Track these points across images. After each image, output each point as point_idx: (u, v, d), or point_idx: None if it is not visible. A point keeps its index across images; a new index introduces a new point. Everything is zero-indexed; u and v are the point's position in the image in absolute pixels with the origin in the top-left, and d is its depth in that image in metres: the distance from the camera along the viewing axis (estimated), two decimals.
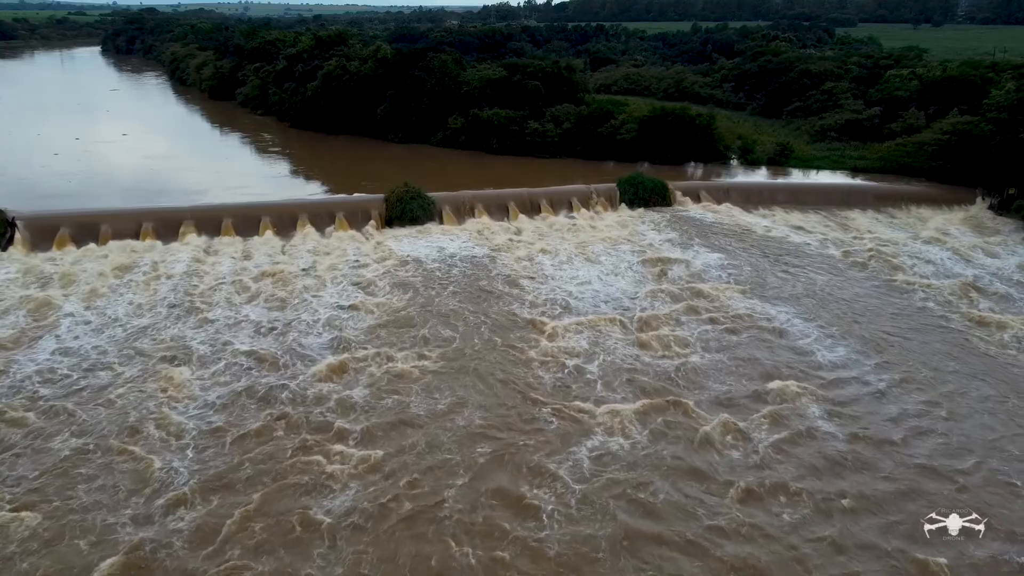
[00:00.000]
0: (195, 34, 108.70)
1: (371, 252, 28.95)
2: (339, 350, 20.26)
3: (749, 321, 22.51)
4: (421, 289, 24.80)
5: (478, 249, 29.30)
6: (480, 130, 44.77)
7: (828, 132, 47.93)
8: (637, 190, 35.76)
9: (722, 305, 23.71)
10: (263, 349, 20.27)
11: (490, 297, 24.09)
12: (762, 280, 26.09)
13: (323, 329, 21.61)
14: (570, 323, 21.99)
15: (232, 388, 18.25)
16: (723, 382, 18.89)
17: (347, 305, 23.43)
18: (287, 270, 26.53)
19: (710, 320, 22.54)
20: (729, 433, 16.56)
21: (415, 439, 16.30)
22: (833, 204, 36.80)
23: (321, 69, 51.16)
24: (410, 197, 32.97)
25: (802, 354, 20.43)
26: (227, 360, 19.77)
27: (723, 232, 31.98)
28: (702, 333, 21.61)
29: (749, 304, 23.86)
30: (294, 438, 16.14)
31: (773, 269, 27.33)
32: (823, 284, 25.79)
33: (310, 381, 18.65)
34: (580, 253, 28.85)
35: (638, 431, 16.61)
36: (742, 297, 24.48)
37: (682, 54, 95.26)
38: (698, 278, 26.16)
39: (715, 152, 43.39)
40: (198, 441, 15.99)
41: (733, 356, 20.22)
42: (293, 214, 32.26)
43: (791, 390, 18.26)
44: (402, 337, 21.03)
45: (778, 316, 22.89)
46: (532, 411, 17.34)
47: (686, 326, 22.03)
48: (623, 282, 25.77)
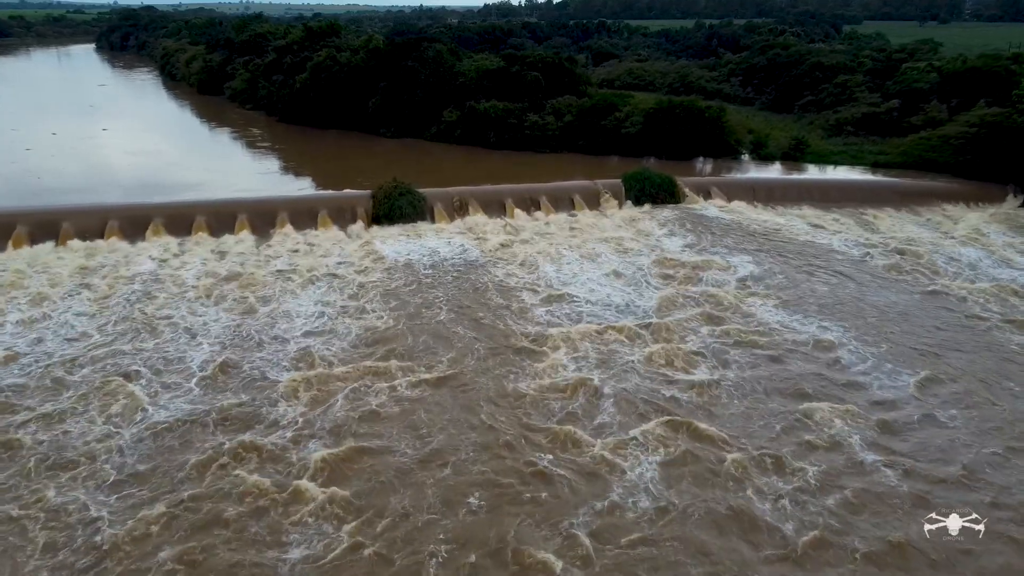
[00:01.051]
0: (189, 30, 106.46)
1: (355, 253, 26.49)
2: (310, 368, 17.74)
3: (776, 333, 19.98)
4: (408, 297, 22.30)
5: (472, 250, 26.84)
6: (476, 123, 42.29)
7: (844, 126, 45.42)
8: (644, 186, 33.28)
9: (745, 314, 21.18)
10: (222, 365, 17.78)
11: (484, 307, 21.55)
12: (786, 285, 23.57)
13: (294, 343, 19.10)
14: (575, 336, 19.45)
15: (179, 413, 15.77)
16: (755, 411, 16.36)
17: (324, 315, 20.93)
18: (260, 273, 24.07)
19: (731, 332, 20.00)
20: (772, 494, 14.01)
21: (389, 482, 13.80)
22: (854, 201, 34.28)
23: (311, 60, 48.67)
24: (399, 193, 30.52)
25: (847, 380, 17.72)
26: (177, 379, 17.30)
27: (738, 232, 29.48)
28: (723, 347, 19.07)
29: (774, 313, 21.34)
30: (244, 477, 13.64)
31: (797, 273, 24.83)
32: (855, 291, 23.22)
33: (271, 405, 16.17)
34: (584, 255, 26.37)
35: (659, 480, 13.99)
36: (766, 305, 21.96)
37: (686, 49, 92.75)
38: (715, 283, 23.66)
39: (725, 147, 40.89)
40: (128, 480, 13.50)
41: (762, 375, 17.69)
42: (272, 211, 29.79)
43: (834, 425, 15.72)
44: (384, 355, 18.35)
45: (808, 328, 20.32)
46: (530, 453, 14.49)
47: (705, 339, 19.49)
48: (632, 288, 23.27)
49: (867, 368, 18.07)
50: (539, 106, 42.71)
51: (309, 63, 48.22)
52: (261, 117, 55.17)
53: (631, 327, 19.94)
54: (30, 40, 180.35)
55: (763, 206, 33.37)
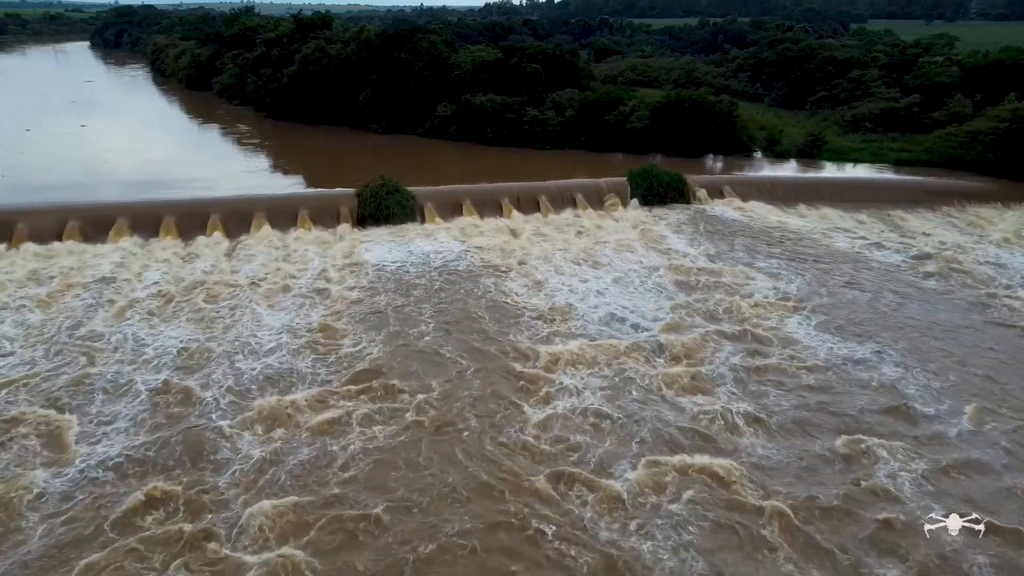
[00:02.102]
0: (182, 26, 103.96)
1: (336, 257, 24.06)
2: (274, 396, 15.28)
3: (809, 354, 17.50)
4: (390, 311, 19.75)
5: (464, 255, 24.40)
6: (472, 118, 39.82)
7: (862, 122, 42.93)
8: (651, 185, 30.82)
9: (772, 331, 18.69)
10: (173, 390, 15.35)
11: (476, 324, 19.02)
12: (817, 297, 21.08)
13: (253, 371, 16.62)
14: (578, 357, 17.00)
15: (117, 448, 13.34)
16: (793, 451, 13.91)
17: (293, 334, 18.44)
18: (229, 281, 21.65)
19: (759, 353, 17.54)
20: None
21: (360, 539, 11.37)
22: (878, 202, 31.82)
23: (299, 53, 46.21)
24: (386, 192, 28.08)
25: (897, 412, 15.14)
26: (122, 407, 14.87)
27: (755, 234, 27.03)
28: (750, 372, 16.58)
29: (806, 330, 18.86)
30: (181, 527, 11.22)
31: (828, 283, 22.36)
32: (894, 304, 20.65)
33: (225, 439, 13.73)
34: (587, 260, 23.92)
35: (682, 549, 11.55)
36: (795, 320, 19.47)
37: (691, 45, 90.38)
38: (736, 293, 21.20)
39: (737, 143, 38.41)
40: (47, 524, 11.09)
41: (799, 407, 15.22)
42: (248, 211, 27.36)
43: (889, 467, 13.27)
44: (359, 387, 15.77)
45: (847, 348, 17.82)
46: (526, 507, 12.09)
47: (729, 360, 17.01)
48: (642, 298, 20.80)
49: (919, 397, 15.61)
50: (539, 100, 40.25)
51: (297, 56, 45.72)
52: (248, 113, 52.67)
53: (643, 346, 17.49)
54: (25, 38, 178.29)
55: (781, 207, 30.93)
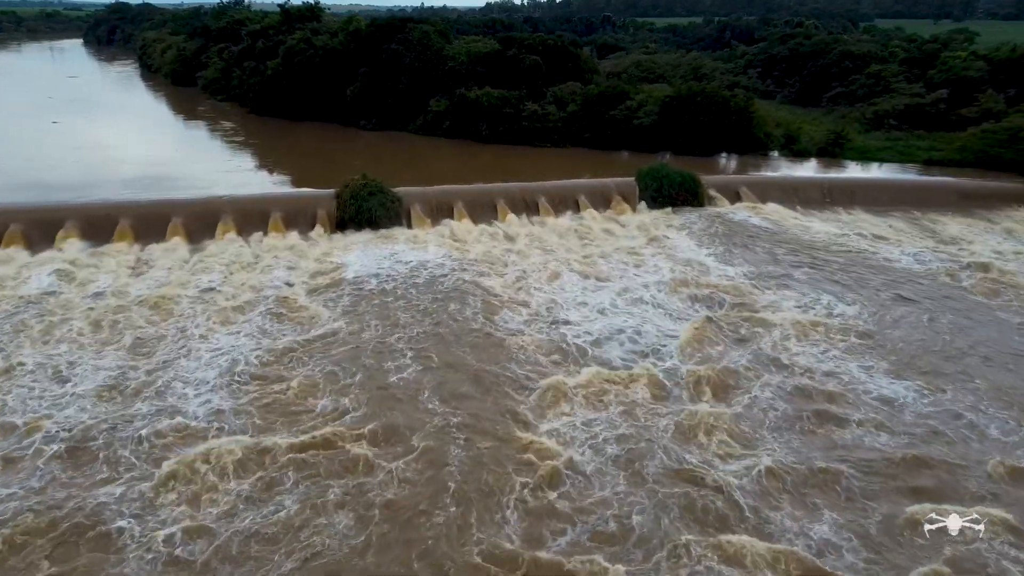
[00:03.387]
0: (174, 21, 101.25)
1: (309, 267, 21.26)
2: (210, 440, 12.50)
3: (860, 388, 14.67)
4: (363, 334, 16.92)
5: (454, 264, 21.58)
6: (467, 114, 36.99)
7: (885, 119, 40.07)
8: (661, 185, 28.00)
9: (812, 359, 15.88)
10: (79, 440, 12.54)
11: (462, 351, 16.07)
12: (858, 316, 18.22)
13: (197, 400, 13.84)
14: (583, 386, 14.22)
15: (11, 506, 10.58)
16: (858, 523, 11.10)
17: (243, 364, 15.55)
18: (181, 295, 18.85)
19: (799, 389, 14.70)
20: None
21: None
22: (909, 204, 28.98)
23: (284, 44, 43.43)
24: (368, 193, 25.30)
25: (974, 469, 12.48)
26: (30, 452, 12.10)
27: (779, 241, 24.21)
28: (794, 413, 13.71)
29: (851, 360, 16.03)
30: None
31: (869, 297, 19.52)
32: (952, 327, 17.48)
33: (141, 504, 10.95)
34: (591, 270, 21.10)
35: None
36: (839, 342, 16.64)
37: (697, 42, 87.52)
38: (763, 309, 18.40)
39: (753, 141, 35.56)
40: None
41: (857, 461, 12.40)
42: (213, 214, 24.59)
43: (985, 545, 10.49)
44: (326, 428, 12.98)
45: (907, 385, 14.98)
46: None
47: (764, 397, 14.17)
48: (656, 315, 17.99)
49: (994, 445, 12.81)
50: (539, 94, 37.45)
51: (282, 47, 42.92)
52: (233, 109, 49.90)
53: (657, 377, 14.68)
54: (20, 35, 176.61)
55: (803, 210, 28.12)
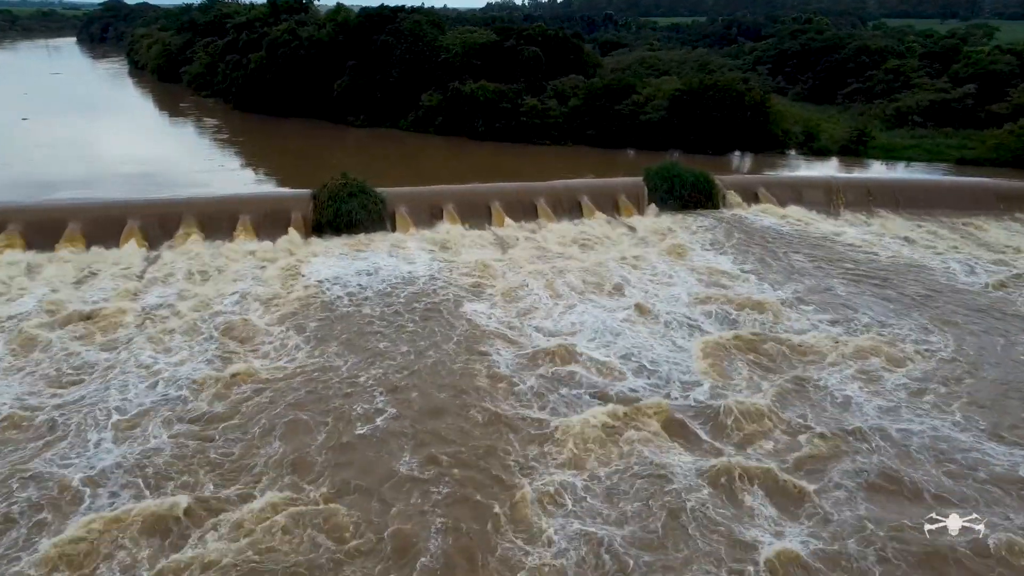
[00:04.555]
0: (166, 18, 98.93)
1: (275, 279, 18.72)
2: (122, 500, 9.99)
3: (932, 437, 12.18)
4: (331, 366, 14.24)
5: (441, 276, 19.05)
6: (461, 109, 34.49)
7: (909, 116, 37.55)
8: (672, 185, 25.48)
9: (864, 391, 13.33)
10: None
11: (443, 381, 13.52)
12: (908, 337, 15.67)
13: (115, 442, 11.34)
14: (583, 434, 11.68)
15: None
16: None
17: (178, 401, 12.96)
18: (122, 311, 16.33)
19: (876, 462, 12.18)
20: None
21: None
22: (943, 207, 26.43)
23: (268, 37, 40.96)
24: (348, 194, 22.82)
25: None
26: None
27: (806, 248, 21.67)
28: (853, 467, 11.17)
29: (905, 393, 13.51)
30: None
31: (903, 314, 16.99)
32: (1005, 353, 15.20)
33: None
34: (596, 282, 18.56)
35: None
36: (889, 368, 14.13)
37: (703, 38, 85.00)
38: (792, 328, 15.87)
39: (769, 138, 33.06)
40: None
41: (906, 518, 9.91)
42: (174, 217, 22.08)
43: None
44: (276, 483, 10.52)
45: (981, 433, 12.52)
46: None
47: (806, 439, 11.65)
48: (669, 338, 15.44)
49: None
50: (538, 88, 34.95)
51: (265, 39, 40.44)
52: (216, 105, 47.47)
53: (673, 413, 12.15)
54: (15, 34, 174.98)
55: (828, 213, 25.60)
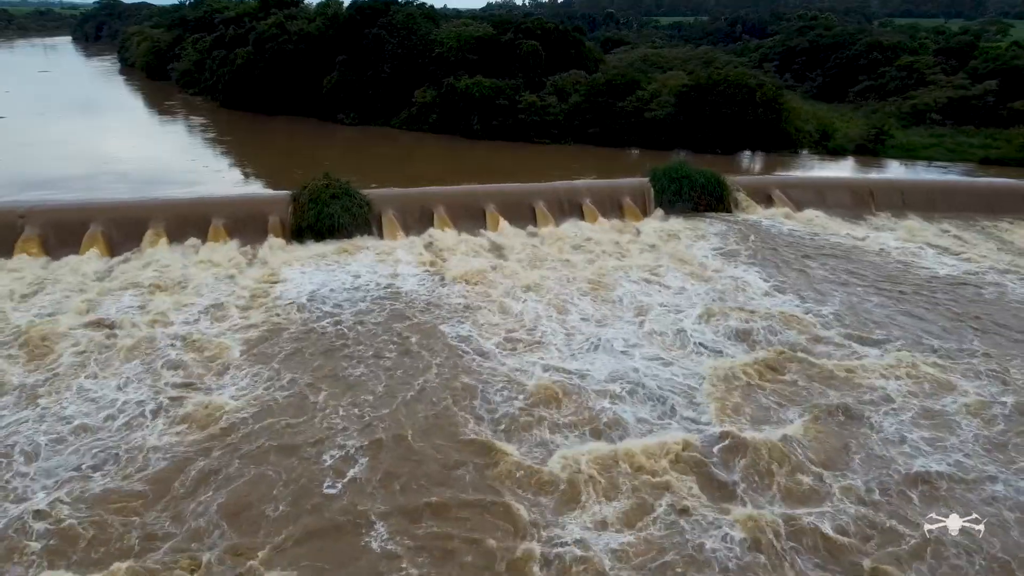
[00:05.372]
0: (160, 16, 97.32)
1: (247, 290, 16.96)
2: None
3: (961, 477, 10.40)
4: (295, 403, 12.49)
5: (428, 288, 17.27)
6: (456, 106, 32.71)
7: (927, 113, 35.74)
8: (680, 187, 23.70)
9: (917, 428, 11.55)
10: None
11: (435, 435, 11.66)
12: (947, 361, 13.91)
13: (30, 503, 9.58)
14: (585, 473, 9.92)
15: None
16: None
17: (121, 446, 11.19)
18: (67, 330, 14.56)
19: (877, 455, 10.43)
20: None
21: None
22: (972, 210, 24.68)
23: (255, 31, 39.20)
24: (331, 196, 21.07)
25: None
26: None
27: (829, 256, 19.87)
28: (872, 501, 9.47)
29: (949, 426, 11.75)
30: None
31: (957, 338, 15.22)
32: None
33: None
34: (599, 297, 16.77)
35: None
36: (928, 402, 12.36)
37: (707, 36, 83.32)
38: (812, 347, 14.09)
39: (781, 137, 31.26)
40: None
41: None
42: (141, 220, 20.33)
43: None
44: (217, 549, 8.82)
45: None
46: None
47: (849, 489, 9.87)
48: (680, 360, 13.65)
49: None
50: (537, 84, 33.17)
51: (252, 34, 38.67)
52: (205, 102, 45.71)
53: (687, 452, 10.37)
54: (11, 33, 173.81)
55: (846, 216, 23.80)
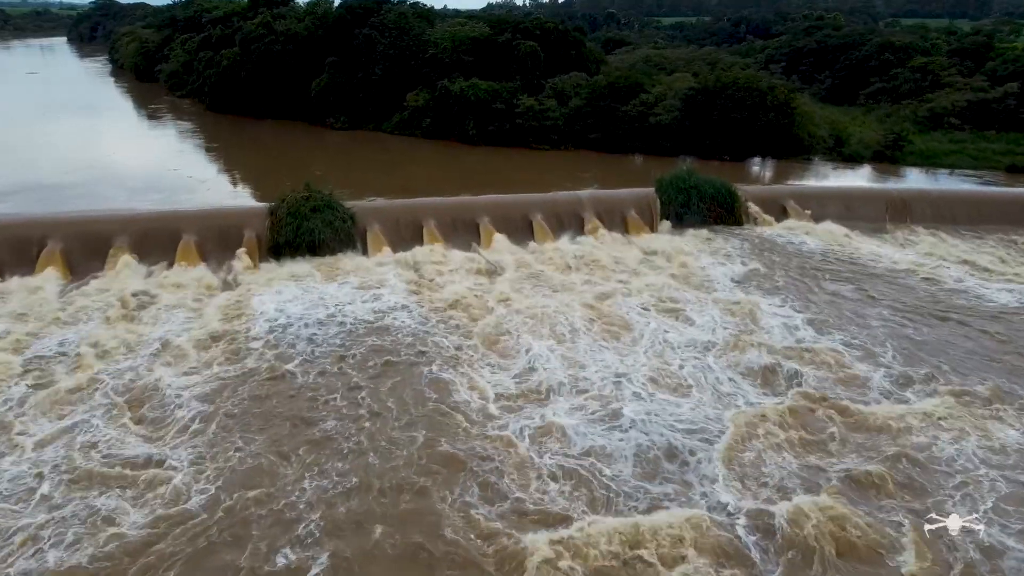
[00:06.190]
0: (155, 16, 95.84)
1: (213, 319, 15.28)
2: None
3: None
4: (260, 460, 10.85)
5: (413, 319, 15.52)
6: (451, 110, 31.05)
7: (945, 117, 34.06)
8: (689, 198, 22.03)
9: (946, 475, 9.94)
10: None
11: (414, 502, 10.04)
12: (998, 411, 12.26)
13: None
14: (597, 540, 8.27)
15: None
16: None
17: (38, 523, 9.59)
18: (3, 367, 12.93)
19: None
20: None
21: None
22: (1003, 223, 23.05)
23: (242, 30, 37.57)
24: (312, 209, 19.43)
25: None
26: None
27: (855, 277, 18.19)
28: None
29: None
30: None
31: (1009, 372, 13.56)
32: None
33: None
34: (603, 324, 15.09)
35: None
36: (979, 457, 10.69)
37: (710, 36, 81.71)
38: (852, 391, 12.42)
39: (793, 143, 29.58)
40: None
41: None
42: (104, 237, 18.69)
43: None
44: None
45: None
46: None
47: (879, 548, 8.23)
48: (698, 397, 12.01)
49: None
50: (536, 87, 31.50)
51: (238, 34, 37.04)
52: (193, 105, 44.07)
53: (711, 534, 8.70)
54: (7, 33, 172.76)
55: (867, 230, 22.14)
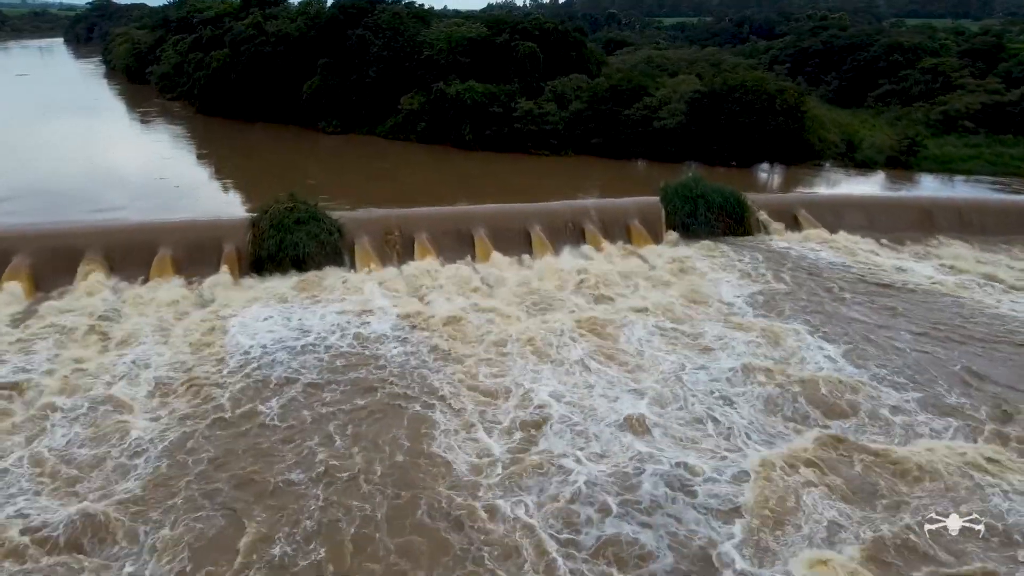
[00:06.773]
0: (151, 16, 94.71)
1: (185, 343, 14.13)
2: None
3: None
4: (220, 524, 9.72)
5: (400, 347, 14.34)
6: (447, 113, 29.88)
7: (959, 121, 32.88)
8: (696, 207, 20.87)
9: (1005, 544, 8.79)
10: None
11: (375, 528, 9.09)
12: None
13: None
14: None
15: None
16: None
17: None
18: None
19: None
20: None
21: None
22: (1011, 231, 21.91)
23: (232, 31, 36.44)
24: (296, 221, 18.31)
25: None
26: None
27: (878, 295, 17.02)
28: None
29: None
30: None
31: None
32: None
33: None
34: (606, 355, 13.87)
35: None
36: None
37: (712, 37, 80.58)
38: (884, 428, 11.27)
39: (804, 148, 28.41)
40: None
41: None
42: (74, 250, 17.57)
43: None
44: None
45: None
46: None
47: None
48: (710, 448, 10.83)
49: None
50: (535, 89, 30.34)
51: (228, 35, 35.90)
52: (183, 108, 42.91)
53: None
54: (4, 34, 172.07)
55: (884, 242, 20.98)
